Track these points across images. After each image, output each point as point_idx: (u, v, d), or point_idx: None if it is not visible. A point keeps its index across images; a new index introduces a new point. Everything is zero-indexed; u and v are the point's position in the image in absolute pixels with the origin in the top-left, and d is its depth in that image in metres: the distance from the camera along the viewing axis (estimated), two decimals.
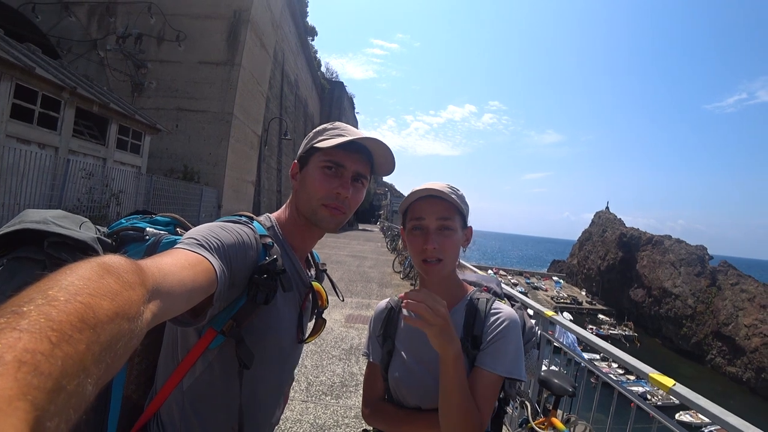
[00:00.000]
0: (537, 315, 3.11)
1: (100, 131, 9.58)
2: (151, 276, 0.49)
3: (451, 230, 1.07)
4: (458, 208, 1.08)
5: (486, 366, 1.01)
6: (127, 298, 0.40)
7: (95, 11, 14.36)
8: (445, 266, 1.07)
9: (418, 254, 1.08)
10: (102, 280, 0.38)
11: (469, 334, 1.05)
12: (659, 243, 44.34)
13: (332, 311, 6.55)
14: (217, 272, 0.71)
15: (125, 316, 0.38)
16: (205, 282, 0.67)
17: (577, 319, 35.93)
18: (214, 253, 0.75)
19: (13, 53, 7.05)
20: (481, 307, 1.08)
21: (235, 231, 0.85)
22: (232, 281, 0.80)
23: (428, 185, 1.07)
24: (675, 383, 1.55)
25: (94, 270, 0.39)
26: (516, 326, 1.06)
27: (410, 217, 1.11)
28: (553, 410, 2.37)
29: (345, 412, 3.47)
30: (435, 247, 1.04)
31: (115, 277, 0.40)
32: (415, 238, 1.09)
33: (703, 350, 35.10)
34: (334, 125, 1.02)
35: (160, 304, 0.50)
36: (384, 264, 13.42)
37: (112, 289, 0.38)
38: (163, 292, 0.51)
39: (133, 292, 0.42)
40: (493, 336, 1.03)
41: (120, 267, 0.43)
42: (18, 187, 6.81)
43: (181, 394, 0.89)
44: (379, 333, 1.20)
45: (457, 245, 1.09)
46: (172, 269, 0.59)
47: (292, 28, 26.96)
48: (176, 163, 13.42)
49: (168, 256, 0.65)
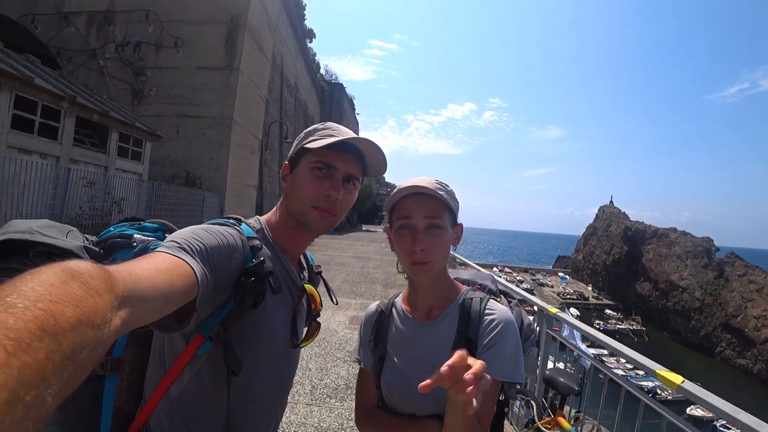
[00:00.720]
0: (541, 312, 3.06)
1: (100, 139, 9.61)
2: (121, 282, 0.47)
3: (440, 229, 1.02)
4: (447, 205, 1.04)
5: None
6: (92, 305, 0.38)
7: (94, 20, 14.44)
8: (434, 267, 1.03)
9: (406, 255, 1.03)
10: (65, 286, 0.37)
11: (463, 337, 1.01)
12: (665, 236, 44.12)
13: (336, 313, 6.52)
14: (197, 276, 0.69)
15: (90, 323, 0.36)
16: (182, 286, 0.65)
17: (584, 314, 35.79)
18: (196, 256, 0.73)
19: (12, 64, 7.07)
20: (475, 308, 1.04)
21: (220, 233, 0.83)
22: (216, 285, 0.78)
23: (415, 181, 1.03)
24: (684, 380, 1.51)
25: (57, 275, 0.37)
26: (512, 326, 1.01)
27: (397, 215, 1.06)
28: (560, 409, 2.33)
29: (350, 414, 3.44)
30: (423, 248, 1.00)
31: (80, 282, 0.39)
32: (403, 238, 1.03)
33: (712, 343, 34.89)
34: (325, 125, 1.00)
35: (132, 311, 0.48)
36: (388, 264, 13.40)
37: (77, 296, 0.37)
38: (134, 297, 0.49)
39: (100, 298, 0.40)
40: (490, 339, 0.99)
41: (86, 272, 0.41)
42: (20, 198, 6.84)
43: (170, 402, 0.86)
44: (370, 338, 1.16)
45: (447, 244, 1.05)
46: (146, 274, 0.57)
47: (290, 31, 26.99)
48: (178, 170, 13.45)
49: (144, 261, 0.62)
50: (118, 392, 0.93)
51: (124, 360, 0.94)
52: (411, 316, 1.11)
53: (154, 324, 0.72)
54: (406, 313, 1.12)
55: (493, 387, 0.96)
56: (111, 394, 0.93)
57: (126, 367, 0.94)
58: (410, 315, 1.11)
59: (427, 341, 1.03)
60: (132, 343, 0.95)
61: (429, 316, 1.09)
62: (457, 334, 1.02)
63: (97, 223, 8.05)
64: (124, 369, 0.94)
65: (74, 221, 7.49)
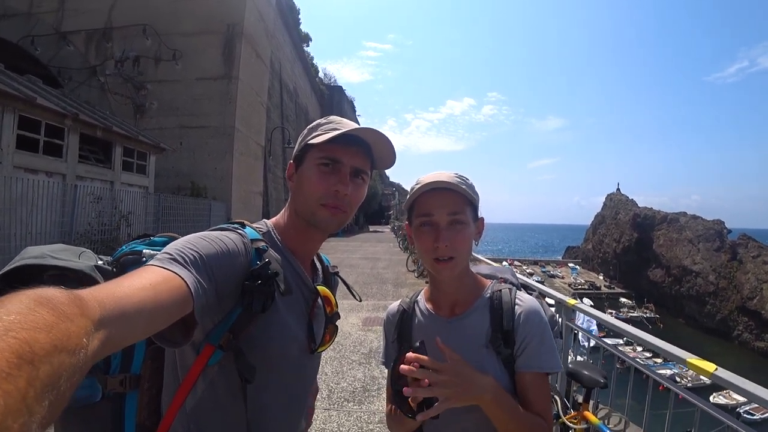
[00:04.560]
0: (559, 304, 3.00)
1: (105, 155, 9.68)
2: (97, 304, 0.46)
3: (463, 224, 0.99)
4: (469, 200, 1.00)
5: (533, 368, 0.96)
6: (64, 330, 0.37)
7: (92, 38, 14.57)
8: (458, 263, 0.99)
9: (428, 253, 0.99)
10: (34, 313, 0.36)
11: (498, 330, 0.99)
12: (675, 220, 43.62)
13: (349, 315, 6.50)
14: (190, 288, 0.67)
15: (64, 348, 0.35)
16: (170, 301, 0.62)
17: (597, 304, 35.34)
18: (190, 266, 0.70)
19: (14, 85, 7.14)
20: (506, 299, 1.01)
21: (218, 239, 0.80)
22: (218, 292, 0.75)
23: (434, 176, 0.99)
24: (717, 368, 1.45)
25: (24, 303, 0.36)
26: (544, 317, 1.01)
27: (417, 212, 1.02)
28: (585, 403, 2.27)
29: (369, 417, 3.41)
30: (447, 244, 0.96)
31: (49, 308, 0.37)
32: (424, 235, 1.00)
33: (728, 327, 34.39)
34: (329, 119, 0.95)
35: (111, 332, 0.46)
36: (397, 264, 13.36)
37: (47, 322, 0.36)
38: (113, 319, 0.48)
39: (71, 323, 0.38)
40: (530, 332, 0.97)
41: (54, 298, 0.39)
42: (29, 217, 6.88)
43: (186, 416, 0.84)
44: (394, 338, 1.13)
45: (470, 240, 1.01)
46: (128, 292, 0.55)
47: (287, 37, 27.07)
48: (183, 181, 13.52)
49: (129, 278, 0.60)
50: (139, 409, 0.92)
51: (142, 376, 0.93)
52: (435, 313, 1.08)
53: (158, 339, 0.71)
54: (429, 311, 1.09)
55: (545, 381, 0.98)
56: (132, 411, 0.92)
57: (145, 382, 0.93)
58: (434, 312, 1.08)
59: (454, 339, 1.00)
60: (149, 358, 0.94)
61: (453, 313, 1.06)
62: (491, 327, 1.00)
63: (107, 238, 8.09)
64: (143, 385, 0.93)
65: (84, 237, 7.54)
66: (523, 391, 0.96)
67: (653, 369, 2.26)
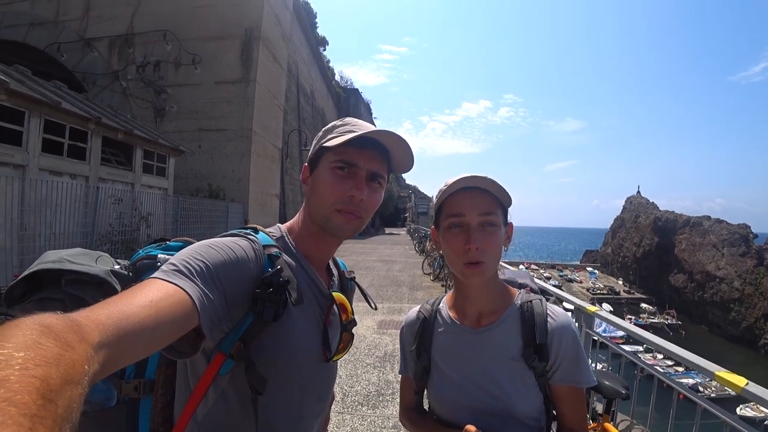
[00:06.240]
0: (578, 311, 2.93)
1: (126, 157, 9.90)
2: (95, 327, 0.46)
3: (494, 227, 0.95)
4: (500, 201, 0.97)
5: (570, 382, 0.94)
6: (69, 361, 0.37)
7: (115, 44, 14.96)
8: (488, 268, 0.95)
9: (459, 256, 0.94)
10: (41, 346, 0.36)
11: (530, 343, 0.94)
12: (698, 224, 42.36)
13: (364, 318, 6.48)
14: (195, 301, 0.65)
15: (72, 381, 0.36)
16: (171, 317, 0.61)
17: (617, 309, 34.61)
18: (196, 277, 0.69)
19: (41, 90, 7.36)
20: (538, 311, 0.97)
21: (227, 246, 0.79)
22: (227, 302, 0.74)
23: (466, 175, 0.94)
24: (747, 383, 1.38)
25: (28, 335, 0.37)
26: (577, 331, 0.99)
27: (446, 213, 0.97)
28: (605, 414, 2.19)
29: (383, 422, 3.38)
30: (479, 246, 0.92)
31: (53, 338, 0.38)
32: (454, 237, 0.95)
33: (754, 335, 33.15)
34: (344, 121, 0.93)
35: (110, 354, 0.47)
36: (413, 266, 13.30)
37: (55, 354, 0.36)
38: (113, 341, 0.48)
39: (74, 352, 0.39)
40: (565, 348, 0.94)
41: (54, 326, 0.40)
42: (53, 217, 7.06)
43: (197, 425, 0.82)
44: (412, 347, 1.08)
45: (500, 244, 0.97)
46: (129, 311, 0.54)
47: (303, 40, 27.31)
48: (201, 183, 13.73)
49: (131, 295, 0.59)
50: (152, 415, 0.91)
51: (156, 381, 0.92)
52: (459, 323, 1.03)
53: (166, 350, 0.70)
54: (453, 320, 1.05)
55: (580, 393, 0.96)
56: (146, 417, 0.92)
57: (159, 388, 0.92)
58: (458, 322, 1.04)
59: (481, 351, 0.97)
60: (163, 364, 0.93)
61: (480, 323, 1.01)
62: (523, 341, 0.95)
63: (127, 239, 8.25)
64: (157, 391, 0.92)
65: (105, 238, 7.71)
66: (559, 403, 0.96)
67: (674, 378, 2.19)
